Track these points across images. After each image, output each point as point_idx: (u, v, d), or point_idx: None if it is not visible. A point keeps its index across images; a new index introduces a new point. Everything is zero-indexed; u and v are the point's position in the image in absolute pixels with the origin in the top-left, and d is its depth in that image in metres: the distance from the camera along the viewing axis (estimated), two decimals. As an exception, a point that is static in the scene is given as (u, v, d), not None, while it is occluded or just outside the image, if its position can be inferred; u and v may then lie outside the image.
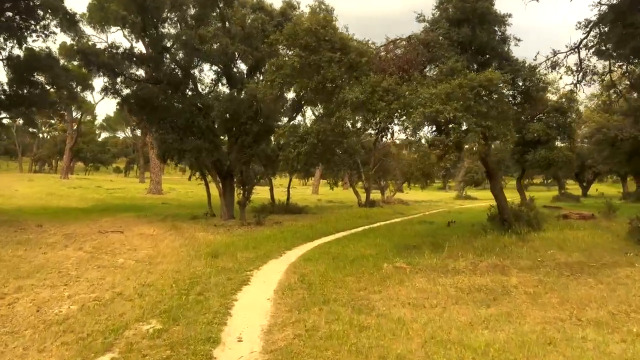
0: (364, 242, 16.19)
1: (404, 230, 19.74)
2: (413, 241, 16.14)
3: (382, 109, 11.25)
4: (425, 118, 10.77)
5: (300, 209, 30.27)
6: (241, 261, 12.75)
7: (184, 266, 12.04)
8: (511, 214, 16.08)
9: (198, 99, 22.71)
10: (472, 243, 13.90)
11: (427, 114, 10.53)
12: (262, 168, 26.60)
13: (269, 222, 23.18)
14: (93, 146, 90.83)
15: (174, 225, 20.62)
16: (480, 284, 9.33)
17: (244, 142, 19.91)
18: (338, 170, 33.44)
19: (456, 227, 19.69)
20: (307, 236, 17.80)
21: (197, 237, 17.41)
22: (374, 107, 11.41)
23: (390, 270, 10.96)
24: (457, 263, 11.38)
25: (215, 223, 22.32)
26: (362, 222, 23.72)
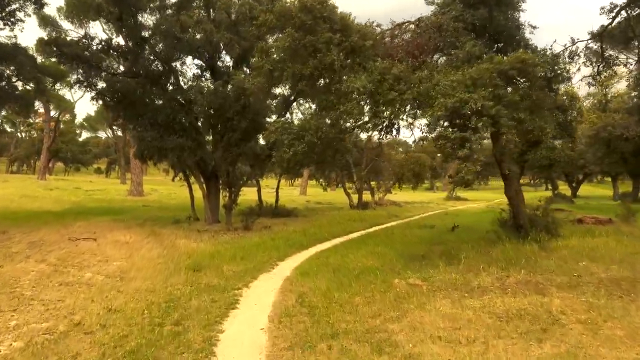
0: (364, 250, 14.55)
1: (405, 236, 18.14)
2: (419, 249, 14.55)
3: (394, 100, 9.61)
4: (446, 110, 9.15)
5: (290, 212, 28.60)
6: (228, 276, 11.03)
7: (161, 283, 10.27)
8: (526, 219, 14.54)
9: (180, 94, 20.88)
10: (489, 253, 12.31)
11: (450, 105, 8.91)
12: (249, 168, 24.88)
13: (258, 226, 21.46)
14: (73, 146, 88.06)
15: (153, 231, 18.78)
16: (517, 307, 7.72)
17: (230, 140, 18.12)
18: (330, 171, 31.77)
19: (462, 233, 18.14)
20: (301, 243, 16.11)
21: (177, 245, 15.62)
22: (384, 97, 9.77)
23: (403, 288, 9.32)
24: (480, 279, 9.77)
25: (199, 228, 20.53)
26: (357, 226, 22.10)
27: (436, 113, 9.24)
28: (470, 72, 9.31)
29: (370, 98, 10.07)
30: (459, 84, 9.25)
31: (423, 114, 9.94)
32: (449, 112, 9.16)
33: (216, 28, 18.97)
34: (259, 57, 11.82)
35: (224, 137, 18.38)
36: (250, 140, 18.62)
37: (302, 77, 11.44)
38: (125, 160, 67.62)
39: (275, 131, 11.94)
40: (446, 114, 9.24)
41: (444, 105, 9.01)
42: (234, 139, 18.02)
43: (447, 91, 9.19)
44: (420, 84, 9.76)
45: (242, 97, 17.05)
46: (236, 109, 17.41)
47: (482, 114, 9.08)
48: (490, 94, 9.02)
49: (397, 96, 9.65)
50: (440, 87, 9.36)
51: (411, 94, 9.66)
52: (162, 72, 21.01)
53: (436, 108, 9.16)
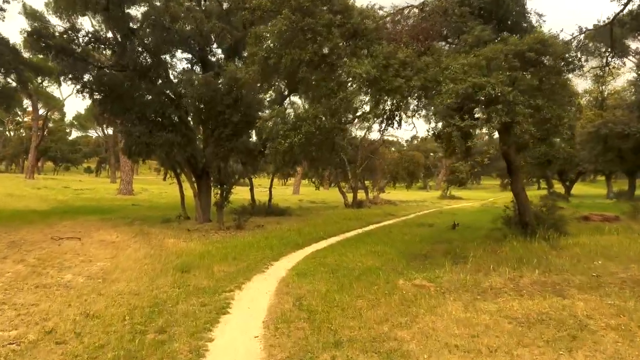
0: (363, 249, 13.83)
1: (404, 234, 17.44)
2: (421, 248, 13.85)
3: (400, 88, 8.85)
4: (457, 97, 8.39)
5: (283, 211, 27.82)
6: (218, 277, 10.24)
7: (146, 285, 9.48)
8: (532, 216, 13.87)
9: (169, 88, 20.06)
10: (497, 252, 11.61)
11: (462, 91, 8.16)
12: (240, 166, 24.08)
13: (250, 225, 20.67)
14: (62, 145, 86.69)
15: (141, 230, 17.97)
16: (538, 311, 7.01)
17: (221, 135, 17.28)
18: (324, 169, 31.01)
19: (464, 231, 17.47)
20: (296, 243, 15.35)
21: (166, 245, 14.82)
22: (389, 84, 9.01)
23: (409, 289, 8.59)
24: (491, 279, 9.06)
25: (189, 227, 19.72)
26: (353, 225, 21.35)
27: (446, 101, 8.47)
28: (484, 52, 8.56)
29: (374, 85, 9.31)
30: (470, 67, 8.50)
31: (430, 102, 9.15)
32: (460, 99, 8.41)
33: (207, 17, 18.16)
34: (253, 43, 11.04)
35: (215, 131, 17.54)
36: (242, 136, 17.81)
37: (302, 63, 10.64)
38: (116, 159, 66.46)
39: (270, 119, 11.13)
40: (456, 101, 8.48)
41: (454, 92, 8.25)
42: (226, 134, 17.19)
43: (457, 76, 8.45)
44: (427, 69, 9.01)
45: (234, 89, 16.24)
46: (228, 102, 16.59)
47: (498, 100, 8.33)
48: (507, 78, 8.28)
49: (403, 83, 8.90)
50: (450, 71, 8.61)
51: (418, 80, 8.91)
52: (151, 65, 20.15)
53: (445, 95, 8.42)
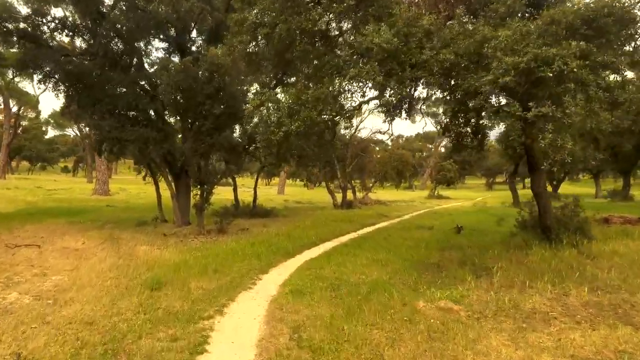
0: (364, 258, 12.12)
1: (405, 239, 15.76)
2: (429, 256, 12.17)
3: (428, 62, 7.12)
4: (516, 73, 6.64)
5: (269, 212, 25.99)
6: (196, 297, 8.42)
7: (105, 309, 7.63)
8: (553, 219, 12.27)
9: (143, 78, 18.12)
10: (523, 262, 9.96)
11: (523, 65, 6.42)
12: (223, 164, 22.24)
13: (234, 228, 18.83)
14: (36, 143, 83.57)
15: (111, 236, 16.04)
16: (613, 348, 5.35)
17: (201, 129, 15.38)
18: (313, 167, 29.26)
19: (472, 235, 15.85)
20: (286, 250, 13.55)
21: (137, 253, 12.94)
22: (415, 58, 7.27)
23: (434, 314, 6.89)
24: (531, 299, 7.40)
25: (166, 231, 17.82)
26: (346, 228, 19.63)
27: (501, 78, 6.71)
28: (551, 14, 6.86)
29: (394, 59, 7.55)
30: (530, 34, 6.77)
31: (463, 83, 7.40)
32: (517, 76, 6.67)
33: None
34: (241, 7, 9.21)
35: (194, 125, 15.60)
36: (225, 130, 15.96)
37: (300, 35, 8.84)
38: (92, 158, 63.84)
39: (259, 108, 9.31)
40: (513, 78, 6.72)
41: (512, 66, 6.52)
42: (206, 128, 15.28)
43: (512, 46, 6.73)
44: (457, 40, 7.31)
45: (216, 77, 14.39)
46: (208, 91, 14.69)
47: (569, 78, 6.62)
48: (578, 50, 6.60)
49: (431, 57, 7.18)
50: (499, 41, 6.89)
51: (449, 52, 7.19)
52: (123, 52, 18.20)
53: (497, 71, 6.70)
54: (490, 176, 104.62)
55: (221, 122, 15.65)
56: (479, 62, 7.26)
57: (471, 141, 14.20)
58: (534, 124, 10.43)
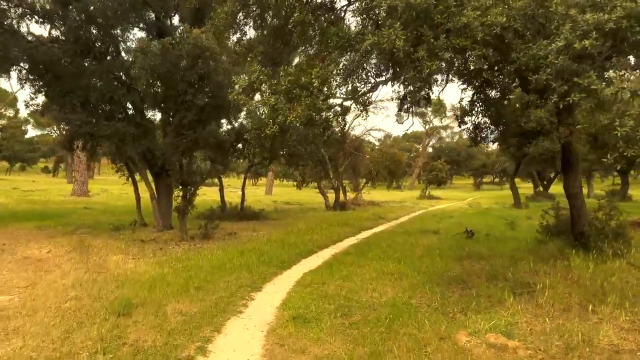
0: (371, 269, 10.48)
1: (412, 245, 14.13)
2: (446, 267, 10.54)
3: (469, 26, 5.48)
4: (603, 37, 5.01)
5: (257, 214, 24.27)
6: (173, 326, 6.69)
7: (54, 346, 5.90)
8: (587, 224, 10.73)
9: (119, 66, 16.27)
10: (567, 275, 8.37)
11: (611, 26, 4.81)
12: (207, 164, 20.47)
13: (220, 232, 17.10)
14: (14, 143, 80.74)
15: (82, 243, 14.22)
16: None
17: (182, 122, 13.57)
18: (305, 166, 27.57)
19: (486, 241, 14.27)
20: (280, 259, 11.85)
21: (108, 264, 11.16)
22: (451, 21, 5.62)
23: (485, 355, 5.26)
24: (600, 330, 5.80)
25: (144, 237, 16.05)
26: (343, 232, 17.98)
27: (578, 43, 5.08)
28: None
29: (425, 22, 5.88)
30: None
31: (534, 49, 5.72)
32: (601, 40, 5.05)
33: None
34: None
35: (175, 117, 13.77)
36: (210, 123, 14.18)
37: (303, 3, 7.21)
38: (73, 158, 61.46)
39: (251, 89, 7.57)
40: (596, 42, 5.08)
41: (593, 25, 4.90)
42: (188, 121, 13.46)
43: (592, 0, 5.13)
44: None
45: (200, 62, 12.62)
46: (191, 78, 12.90)
47: None
48: None
49: (474, 18, 5.54)
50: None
51: (499, 14, 5.53)
52: (97, 38, 16.36)
53: (570, 34, 5.10)
54: (478, 176, 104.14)
55: (206, 114, 13.88)
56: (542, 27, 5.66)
57: (491, 132, 12.74)
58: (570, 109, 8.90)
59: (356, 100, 8.07)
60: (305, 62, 7.55)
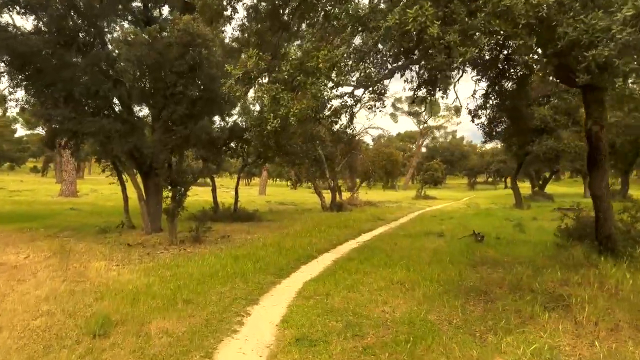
0: (379, 277, 9.55)
1: (418, 249, 13.22)
2: (460, 275, 9.62)
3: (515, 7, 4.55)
4: None
5: (252, 215, 23.30)
6: (157, 350, 5.72)
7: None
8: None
9: (105, 59, 15.23)
10: (603, 287, 7.47)
11: None
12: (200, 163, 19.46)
13: (213, 235, 16.14)
14: (2, 142, 79.23)
15: (63, 247, 13.22)
16: None
17: (172, 116, 12.54)
18: (300, 165, 26.60)
19: (498, 245, 13.37)
20: (278, 266, 10.90)
21: (89, 272, 10.17)
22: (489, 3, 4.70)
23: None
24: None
25: (131, 240, 15.07)
26: (343, 235, 17.04)
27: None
28: None
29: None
30: None
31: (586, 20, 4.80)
32: None
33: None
34: None
35: (164, 112, 12.72)
36: (202, 118, 13.18)
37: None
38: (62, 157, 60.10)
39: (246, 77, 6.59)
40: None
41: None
42: (178, 115, 12.43)
43: None
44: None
45: (190, 50, 11.61)
46: (181, 69, 11.89)
47: None
48: None
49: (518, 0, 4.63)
50: None
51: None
52: (81, 29, 15.33)
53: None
54: (472, 176, 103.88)
55: (197, 109, 12.89)
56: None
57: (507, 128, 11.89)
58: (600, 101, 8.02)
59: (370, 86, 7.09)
60: (311, 44, 6.61)
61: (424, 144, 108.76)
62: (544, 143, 26.13)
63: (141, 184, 17.67)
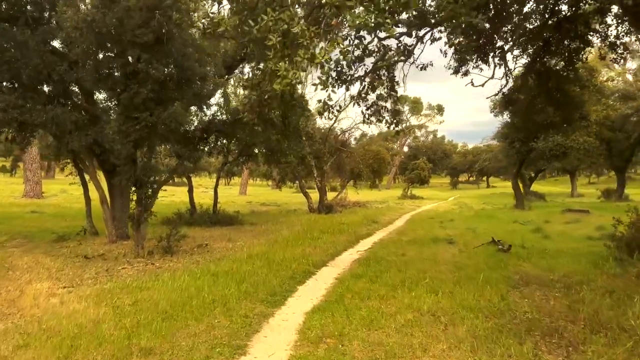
0: (401, 305, 7.37)
1: (432, 262, 11.06)
2: (503, 300, 7.50)
3: None
4: None
5: (232, 218, 20.97)
6: None
7: None
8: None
9: (58, 36, 12.77)
10: None
11: None
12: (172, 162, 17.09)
13: (188, 244, 13.85)
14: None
15: (3, 261, 10.83)
16: None
17: (134, 101, 10.04)
18: (287, 163, 24.34)
19: (529, 256, 11.27)
20: (268, 288, 8.64)
21: (22, 300, 7.82)
22: None
23: None
24: None
25: (91, 251, 12.76)
26: (339, 242, 14.84)
27: None
28: None
29: None
30: None
31: None
32: None
33: None
34: None
35: (124, 95, 10.20)
36: (173, 104, 10.78)
37: None
38: (30, 156, 56.58)
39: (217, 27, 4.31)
40: None
41: None
42: (141, 99, 9.96)
43: None
44: None
45: (158, 15, 9.21)
46: (145, 40, 9.51)
47: None
48: None
49: None
50: None
51: None
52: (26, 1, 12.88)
53: None
54: (454, 175, 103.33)
55: (167, 92, 10.52)
56: None
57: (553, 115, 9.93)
58: None
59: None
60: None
61: (406, 144, 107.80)
62: (551, 139, 24.30)
63: (106, 184, 15.32)
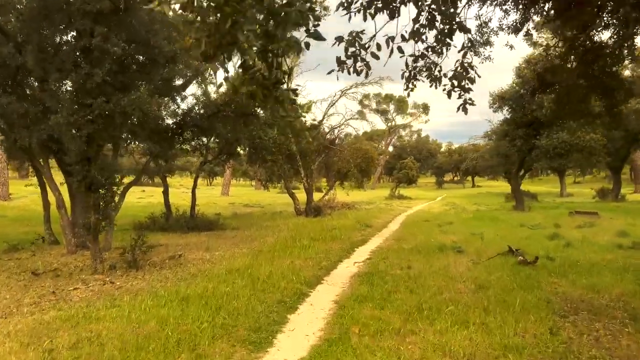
0: (424, 341, 5.66)
1: (446, 278, 9.33)
2: (551, 331, 5.83)
3: None
4: None
5: (212, 223, 19.12)
6: None
7: None
8: None
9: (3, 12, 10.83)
10: None
11: None
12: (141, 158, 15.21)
13: (159, 254, 12.03)
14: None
15: None
16: None
17: (86, 85, 8.11)
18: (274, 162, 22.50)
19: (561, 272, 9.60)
20: (251, 320, 6.82)
21: None
22: None
23: None
24: None
25: (44, 264, 10.87)
26: (332, 251, 13.08)
27: None
28: None
29: None
30: None
31: None
32: None
33: None
34: None
35: (72, 76, 8.29)
36: (135, 88, 8.91)
37: None
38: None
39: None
40: None
41: None
42: (95, 83, 8.03)
43: None
44: None
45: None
46: (97, 7, 7.61)
47: None
48: None
49: None
50: None
51: None
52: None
53: None
54: (440, 175, 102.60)
55: (129, 75, 8.66)
56: None
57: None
58: None
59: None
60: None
61: (391, 143, 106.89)
62: (555, 136, 22.87)
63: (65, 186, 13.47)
